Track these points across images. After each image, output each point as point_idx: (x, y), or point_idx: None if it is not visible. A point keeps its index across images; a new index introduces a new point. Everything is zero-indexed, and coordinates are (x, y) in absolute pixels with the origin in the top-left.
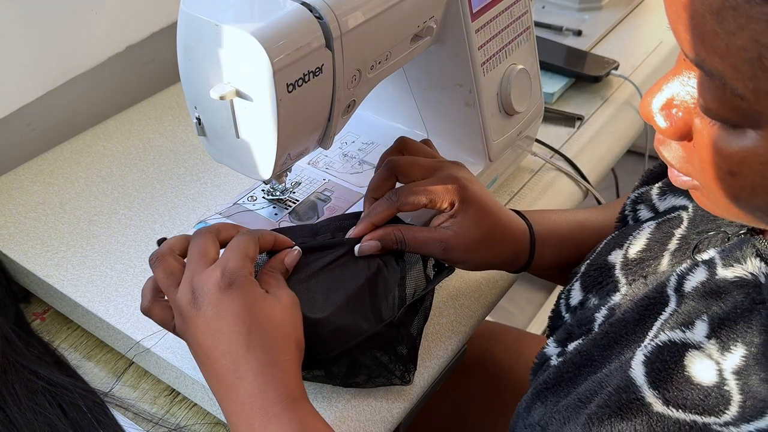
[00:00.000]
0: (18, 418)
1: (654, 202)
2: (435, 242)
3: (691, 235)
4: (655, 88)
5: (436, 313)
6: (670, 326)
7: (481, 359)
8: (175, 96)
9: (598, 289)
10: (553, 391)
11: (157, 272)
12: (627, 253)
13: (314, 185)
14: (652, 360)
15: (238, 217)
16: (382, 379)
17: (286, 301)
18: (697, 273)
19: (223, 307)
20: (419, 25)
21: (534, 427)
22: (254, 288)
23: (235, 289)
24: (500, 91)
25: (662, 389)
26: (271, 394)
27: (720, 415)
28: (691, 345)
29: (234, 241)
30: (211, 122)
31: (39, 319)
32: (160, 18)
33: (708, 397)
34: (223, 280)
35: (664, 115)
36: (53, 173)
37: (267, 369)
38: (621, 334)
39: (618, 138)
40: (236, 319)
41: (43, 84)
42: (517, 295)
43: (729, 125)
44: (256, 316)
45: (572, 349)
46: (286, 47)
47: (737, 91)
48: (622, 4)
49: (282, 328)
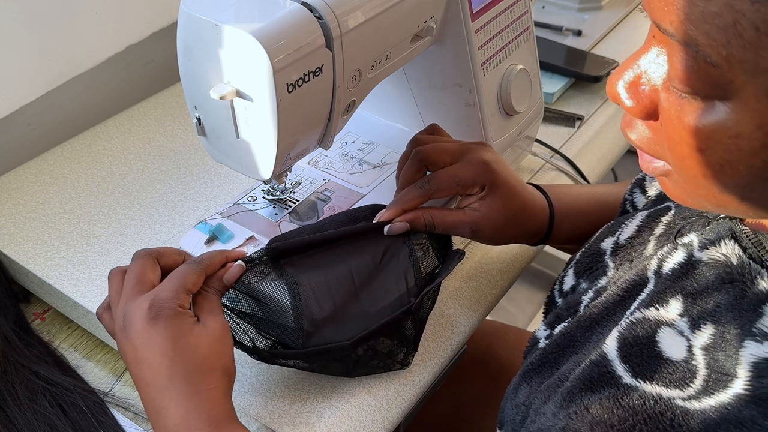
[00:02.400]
0: (18, 418)
1: (645, 184)
2: (464, 224)
3: (676, 221)
4: (621, 68)
5: (436, 313)
6: (645, 304)
7: (482, 359)
8: (175, 96)
9: (589, 274)
10: (538, 372)
11: (109, 287)
12: (618, 240)
13: (314, 185)
14: (624, 336)
15: (238, 217)
16: (383, 366)
17: (214, 330)
18: (675, 255)
19: (148, 339)
20: (419, 25)
21: (519, 407)
22: (180, 320)
23: (161, 321)
24: (500, 91)
25: (632, 362)
26: (194, 422)
27: (684, 388)
28: (663, 322)
29: (176, 270)
30: (211, 122)
31: (39, 319)
32: (160, 18)
33: (675, 371)
34: (150, 311)
35: (631, 93)
36: (53, 173)
37: (189, 398)
38: (602, 316)
39: (618, 138)
40: (159, 351)
41: (43, 84)
42: (517, 295)
43: (699, 98)
44: (179, 348)
45: (558, 332)
46: (286, 47)
47: (710, 58)
48: (622, 4)
49: (207, 358)
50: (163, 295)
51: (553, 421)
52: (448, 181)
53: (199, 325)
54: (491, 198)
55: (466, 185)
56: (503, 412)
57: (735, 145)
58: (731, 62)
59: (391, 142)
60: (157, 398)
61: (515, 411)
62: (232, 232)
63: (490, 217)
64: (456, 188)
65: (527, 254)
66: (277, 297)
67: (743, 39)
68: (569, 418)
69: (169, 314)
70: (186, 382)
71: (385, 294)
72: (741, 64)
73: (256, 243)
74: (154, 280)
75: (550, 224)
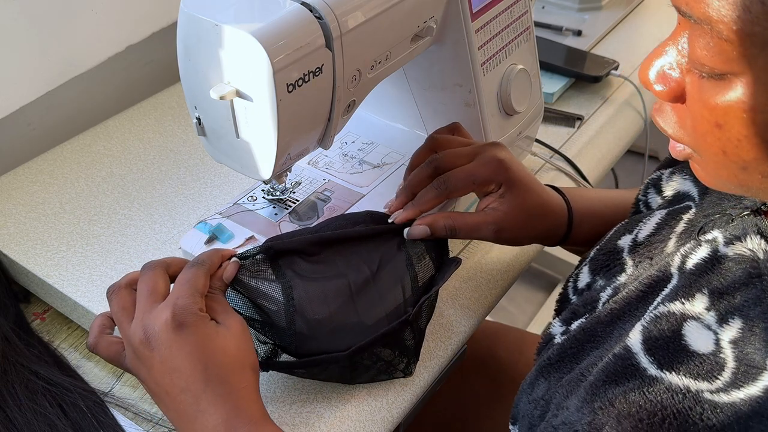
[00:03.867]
0: (18, 418)
1: (662, 184)
2: (487, 225)
3: (698, 218)
4: (651, 56)
5: (436, 313)
6: (670, 299)
7: (482, 359)
8: (175, 96)
9: (606, 271)
10: (556, 367)
11: (112, 305)
12: (636, 238)
13: (314, 185)
14: (649, 329)
15: (238, 217)
16: (385, 375)
17: (236, 329)
18: (699, 251)
19: (177, 347)
20: (419, 25)
21: (538, 401)
22: (205, 324)
23: (187, 328)
24: (500, 91)
25: (658, 355)
26: (234, 421)
27: (713, 380)
28: (689, 316)
29: (182, 275)
30: (211, 122)
31: (39, 319)
32: (160, 18)
33: (703, 363)
34: (174, 320)
35: (659, 78)
36: (53, 173)
37: (227, 399)
38: (624, 311)
39: (618, 138)
40: (192, 357)
41: (43, 84)
42: (517, 295)
43: (716, 76)
44: (210, 351)
45: (576, 327)
46: (286, 47)
47: (723, 35)
48: (622, 4)
49: (236, 357)
50: (181, 302)
51: (577, 416)
52: (465, 179)
53: (221, 326)
54: (510, 195)
55: (482, 183)
56: (517, 407)
57: (750, 119)
58: (741, 37)
59: (391, 142)
60: (194, 404)
61: (533, 405)
62: (232, 232)
63: (511, 215)
64: (472, 186)
65: (527, 254)
66: (272, 296)
67: (751, 14)
68: (594, 413)
69: (193, 320)
70: (222, 383)
71: (381, 302)
72: (750, 37)
73: (255, 243)
74: (165, 291)
75: (569, 224)
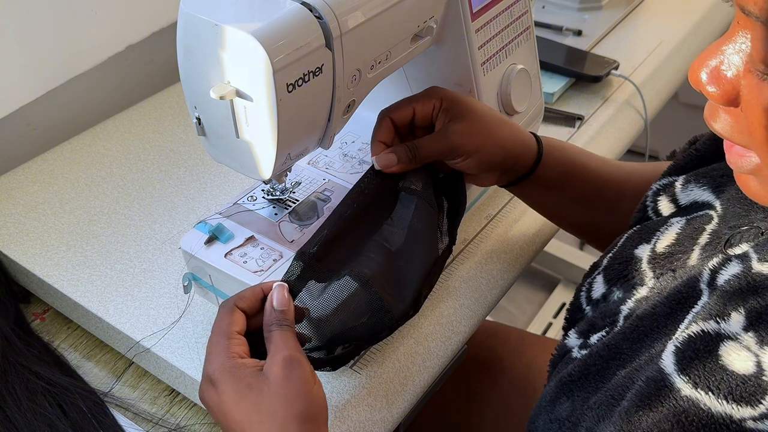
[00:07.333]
0: (18, 418)
1: (676, 193)
2: (445, 135)
3: (722, 230)
4: (704, 56)
5: (436, 313)
6: (703, 317)
7: (482, 359)
8: (175, 96)
9: (623, 282)
10: (579, 385)
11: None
12: (655, 248)
13: (314, 185)
14: (683, 350)
15: (238, 217)
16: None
17: (275, 375)
18: (730, 267)
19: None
20: (419, 25)
21: (563, 422)
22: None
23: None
24: (500, 91)
25: (693, 375)
26: None
27: (756, 405)
28: (726, 336)
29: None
30: (211, 122)
31: (39, 319)
32: (160, 18)
33: (745, 384)
34: (206, 379)
35: (713, 79)
36: (53, 173)
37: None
38: (651, 328)
39: (618, 138)
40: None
41: (43, 84)
42: (517, 295)
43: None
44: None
45: (597, 342)
46: (286, 47)
47: None
48: (622, 4)
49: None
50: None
51: None
52: (404, 104)
53: (260, 376)
54: (457, 108)
55: (418, 101)
56: (534, 423)
57: None
58: None
59: None
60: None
61: (556, 426)
62: (231, 232)
63: (467, 121)
64: (408, 104)
65: (527, 254)
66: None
67: None
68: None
69: (219, 377)
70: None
71: (420, 249)
72: None
73: (255, 243)
74: (235, 330)
75: (539, 152)
